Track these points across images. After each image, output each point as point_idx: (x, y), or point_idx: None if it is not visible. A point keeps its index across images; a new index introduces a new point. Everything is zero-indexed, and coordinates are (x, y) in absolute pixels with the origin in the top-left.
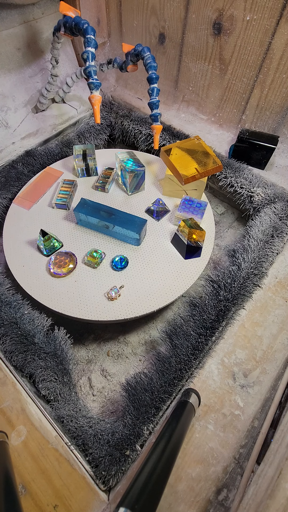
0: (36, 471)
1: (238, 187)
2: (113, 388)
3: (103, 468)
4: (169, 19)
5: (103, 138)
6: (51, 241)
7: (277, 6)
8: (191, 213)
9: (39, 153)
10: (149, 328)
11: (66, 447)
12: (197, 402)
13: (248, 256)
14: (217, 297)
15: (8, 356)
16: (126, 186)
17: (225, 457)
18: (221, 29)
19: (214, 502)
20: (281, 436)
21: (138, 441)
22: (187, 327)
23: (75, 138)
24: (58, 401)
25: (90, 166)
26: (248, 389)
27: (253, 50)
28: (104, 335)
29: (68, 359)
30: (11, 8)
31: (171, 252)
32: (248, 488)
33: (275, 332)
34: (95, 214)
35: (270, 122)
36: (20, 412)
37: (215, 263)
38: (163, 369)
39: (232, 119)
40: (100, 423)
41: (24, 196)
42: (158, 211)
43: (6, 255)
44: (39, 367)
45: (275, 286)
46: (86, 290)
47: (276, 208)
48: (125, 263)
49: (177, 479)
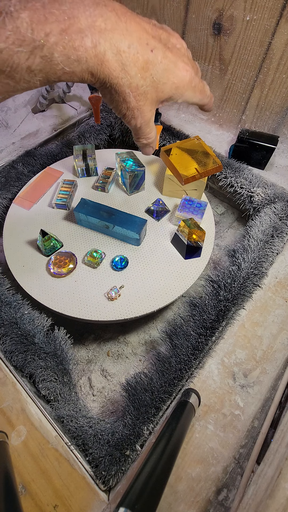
0: (36, 471)
1: (238, 187)
2: (113, 388)
3: (103, 468)
4: (169, 19)
5: (103, 138)
6: (51, 241)
7: (277, 6)
8: (191, 213)
9: (39, 153)
10: (149, 328)
11: (66, 447)
12: (197, 402)
13: (248, 256)
14: (217, 297)
15: (8, 356)
16: (126, 186)
17: (225, 457)
18: (221, 29)
19: (214, 502)
20: (281, 436)
21: (138, 441)
22: (187, 327)
23: (75, 138)
24: (58, 401)
25: (90, 166)
26: (248, 389)
27: (253, 50)
28: (104, 335)
29: (68, 359)
30: None
31: (171, 252)
32: (248, 488)
33: (275, 332)
34: (95, 214)
35: (270, 122)
36: (20, 412)
37: (215, 263)
38: (163, 369)
39: (232, 119)
40: (100, 423)
41: (24, 196)
42: (158, 211)
43: (6, 255)
44: (39, 367)
45: (275, 286)
46: (86, 290)
47: (276, 208)
48: (125, 263)
49: (177, 479)
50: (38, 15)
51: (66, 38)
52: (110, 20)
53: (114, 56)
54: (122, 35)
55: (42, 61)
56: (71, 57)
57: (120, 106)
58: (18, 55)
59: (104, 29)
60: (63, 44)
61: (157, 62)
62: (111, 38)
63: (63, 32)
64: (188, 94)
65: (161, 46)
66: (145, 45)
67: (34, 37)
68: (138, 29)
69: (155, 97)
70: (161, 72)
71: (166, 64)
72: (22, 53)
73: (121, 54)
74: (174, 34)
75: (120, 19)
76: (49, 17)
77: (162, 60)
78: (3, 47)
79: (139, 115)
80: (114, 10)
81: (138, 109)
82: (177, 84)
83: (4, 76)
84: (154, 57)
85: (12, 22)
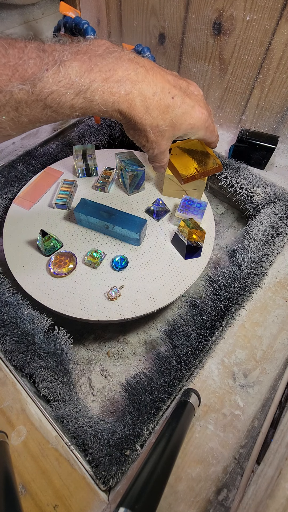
0: (36, 471)
1: (238, 187)
2: (113, 388)
3: (103, 468)
4: (169, 19)
5: (103, 138)
6: (51, 241)
7: (277, 6)
8: (191, 213)
9: (39, 153)
10: (149, 328)
11: (66, 447)
12: (197, 402)
13: (248, 256)
14: (217, 297)
15: (8, 356)
16: (126, 186)
17: (225, 457)
18: (221, 29)
19: (214, 502)
20: (281, 436)
21: (138, 441)
22: (187, 327)
23: (75, 138)
24: (58, 401)
25: (90, 166)
26: (248, 389)
27: (253, 50)
28: (104, 335)
29: (68, 359)
30: (11, 9)
31: (171, 252)
32: (248, 488)
33: (275, 332)
34: (95, 214)
35: (270, 122)
36: (20, 412)
37: (215, 263)
38: (163, 369)
39: (232, 119)
40: (100, 423)
41: (24, 196)
42: (158, 211)
43: (6, 255)
44: (39, 367)
45: (275, 286)
46: (86, 290)
47: (276, 208)
48: (125, 263)
49: (177, 479)
50: (86, 65)
51: (106, 85)
52: (141, 74)
53: (140, 102)
54: (149, 85)
55: (84, 101)
56: (108, 100)
57: (141, 139)
58: (66, 95)
59: (135, 80)
60: (103, 90)
61: (176, 107)
62: (140, 88)
63: (104, 81)
64: (201, 133)
65: (181, 93)
66: (167, 93)
67: (81, 82)
68: (162, 80)
69: (172, 134)
70: (179, 115)
71: (185, 108)
72: (69, 94)
73: (147, 100)
74: (193, 83)
75: (148, 72)
76: (94, 68)
77: (181, 105)
78: (55, 89)
79: (156, 147)
80: (144, 66)
81: (156, 142)
82: (193, 125)
83: (51, 111)
84: (174, 103)
85: (64, 70)
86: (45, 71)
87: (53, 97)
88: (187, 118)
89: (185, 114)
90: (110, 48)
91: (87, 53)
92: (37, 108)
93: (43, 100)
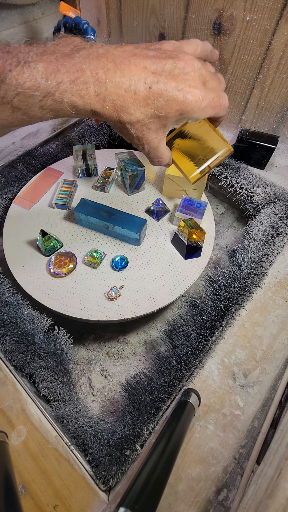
0: (36, 471)
1: (238, 187)
2: (113, 388)
3: (103, 468)
4: (169, 19)
5: (103, 138)
6: (51, 241)
7: (277, 6)
8: (191, 213)
9: (39, 153)
10: (149, 328)
11: (66, 447)
12: (197, 402)
13: (248, 256)
14: (217, 297)
15: (8, 356)
16: (126, 186)
17: (225, 457)
18: (221, 29)
19: (214, 502)
20: (281, 436)
21: (138, 441)
22: (187, 327)
23: (75, 138)
24: (58, 401)
25: (90, 166)
26: (248, 389)
27: (253, 50)
28: (104, 335)
29: (68, 359)
30: (11, 9)
31: (171, 252)
32: (248, 488)
33: (275, 332)
34: (95, 214)
35: (270, 122)
36: (20, 412)
37: (215, 263)
38: (163, 369)
39: (232, 119)
40: (100, 423)
41: (24, 196)
42: (158, 211)
43: (6, 255)
44: (39, 367)
45: (275, 286)
46: (86, 290)
47: (276, 208)
48: (125, 263)
49: (177, 479)
50: (53, 66)
51: (74, 87)
52: (110, 70)
53: (113, 100)
54: (120, 80)
55: (53, 103)
56: (78, 102)
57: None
58: (33, 97)
59: (104, 80)
60: (71, 92)
61: (157, 96)
62: (110, 86)
63: (72, 83)
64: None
65: (162, 78)
66: (143, 84)
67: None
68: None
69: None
70: (163, 103)
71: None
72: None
73: (120, 98)
74: (183, 58)
75: (118, 67)
76: (61, 69)
77: (162, 93)
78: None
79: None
80: (113, 61)
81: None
82: (182, 110)
83: (21, 113)
84: (152, 93)
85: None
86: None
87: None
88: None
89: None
90: (79, 45)
91: (54, 53)
92: (6, 111)
93: (9, 103)
